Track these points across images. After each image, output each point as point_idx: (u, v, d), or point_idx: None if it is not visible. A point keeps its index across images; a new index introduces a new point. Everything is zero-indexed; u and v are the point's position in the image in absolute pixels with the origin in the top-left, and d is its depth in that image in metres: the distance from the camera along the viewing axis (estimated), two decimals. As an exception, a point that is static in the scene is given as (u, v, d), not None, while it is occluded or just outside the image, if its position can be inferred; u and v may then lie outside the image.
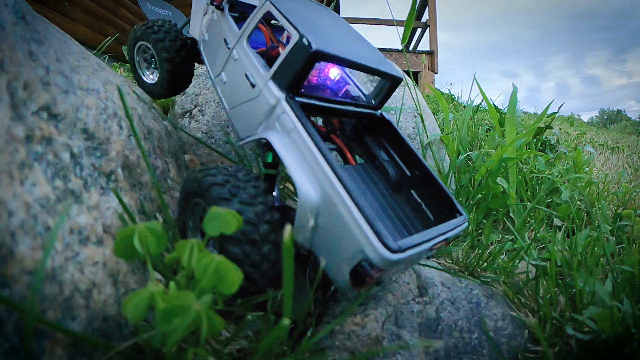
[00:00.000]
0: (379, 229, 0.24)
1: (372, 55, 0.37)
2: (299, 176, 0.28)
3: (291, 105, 0.30)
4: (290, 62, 0.30)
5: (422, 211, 0.36)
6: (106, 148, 0.33)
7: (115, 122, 0.36)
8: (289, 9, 0.34)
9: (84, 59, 0.43)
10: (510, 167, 0.60)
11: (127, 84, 0.48)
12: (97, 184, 0.30)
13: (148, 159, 0.32)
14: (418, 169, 0.38)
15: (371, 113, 0.40)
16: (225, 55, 0.39)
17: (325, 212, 0.26)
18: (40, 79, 0.28)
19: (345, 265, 0.25)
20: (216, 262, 0.23)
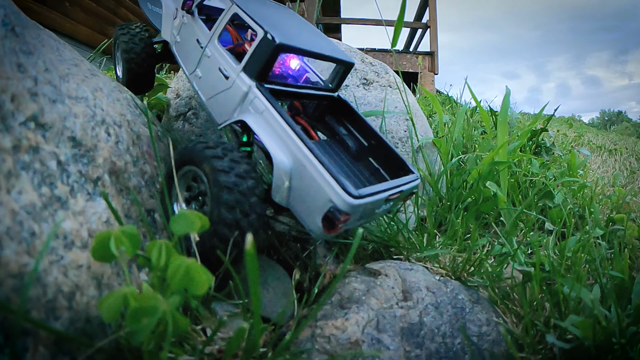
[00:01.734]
0: (342, 180, 0.30)
1: (327, 46, 0.44)
2: (273, 147, 0.34)
3: (261, 90, 0.37)
4: (258, 55, 0.37)
5: (380, 174, 0.43)
6: (93, 155, 0.34)
7: (103, 129, 0.38)
8: (253, 10, 0.40)
9: (76, 65, 0.45)
10: (501, 171, 0.61)
11: (118, 89, 0.49)
12: (83, 190, 0.32)
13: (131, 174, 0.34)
14: (373, 139, 0.44)
15: (330, 95, 0.46)
16: (198, 53, 0.44)
17: (297, 173, 0.32)
18: (28, 90, 0.30)
19: (317, 214, 0.31)
20: (186, 265, 0.24)
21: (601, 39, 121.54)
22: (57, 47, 0.47)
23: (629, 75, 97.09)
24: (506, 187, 0.61)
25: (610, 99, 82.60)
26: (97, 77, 0.47)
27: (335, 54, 0.43)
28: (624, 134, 4.52)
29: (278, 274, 0.43)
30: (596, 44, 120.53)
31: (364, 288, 0.44)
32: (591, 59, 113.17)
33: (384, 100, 0.65)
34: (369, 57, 0.76)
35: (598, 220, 0.61)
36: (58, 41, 0.49)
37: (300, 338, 0.36)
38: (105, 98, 0.42)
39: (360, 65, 0.72)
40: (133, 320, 0.20)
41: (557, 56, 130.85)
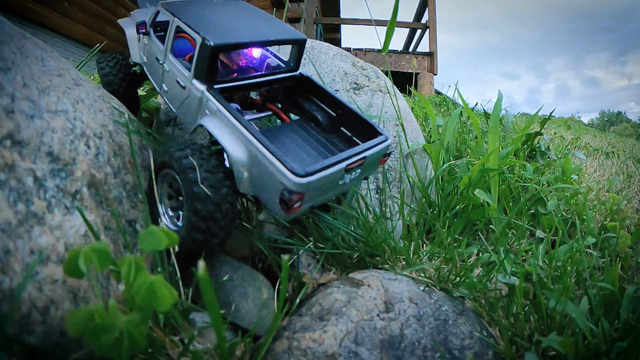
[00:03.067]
0: (286, 161, 0.31)
1: (273, 29, 0.45)
2: (228, 143, 0.36)
3: (211, 92, 0.39)
4: (201, 61, 0.39)
5: (353, 141, 0.45)
6: (71, 169, 0.35)
7: (82, 142, 0.38)
8: (193, 17, 0.42)
9: (59, 76, 0.45)
10: (492, 178, 0.60)
11: (102, 98, 0.50)
12: (61, 204, 0.33)
13: None
14: (340, 108, 0.46)
15: (291, 75, 0.48)
16: (160, 70, 0.48)
17: (252, 163, 0.35)
18: (4, 108, 0.31)
19: (275, 197, 0.33)
20: (150, 282, 0.25)
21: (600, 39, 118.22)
22: (42, 56, 0.47)
23: (628, 76, 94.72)
24: (497, 194, 0.60)
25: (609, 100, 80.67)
26: (81, 87, 0.47)
27: (280, 36, 0.44)
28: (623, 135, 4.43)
29: (259, 284, 0.43)
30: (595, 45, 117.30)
31: (345, 299, 0.44)
32: (590, 60, 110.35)
33: (376, 106, 0.64)
34: (360, 60, 0.75)
35: (591, 228, 0.60)
36: (44, 49, 0.50)
37: (277, 350, 0.36)
38: (87, 110, 0.43)
39: (351, 69, 0.71)
40: (93, 337, 0.21)
41: (556, 57, 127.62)
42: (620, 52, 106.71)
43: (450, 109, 1.25)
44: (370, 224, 0.51)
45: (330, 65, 0.71)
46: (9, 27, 0.45)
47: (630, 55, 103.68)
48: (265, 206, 0.37)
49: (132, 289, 0.24)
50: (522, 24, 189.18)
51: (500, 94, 0.68)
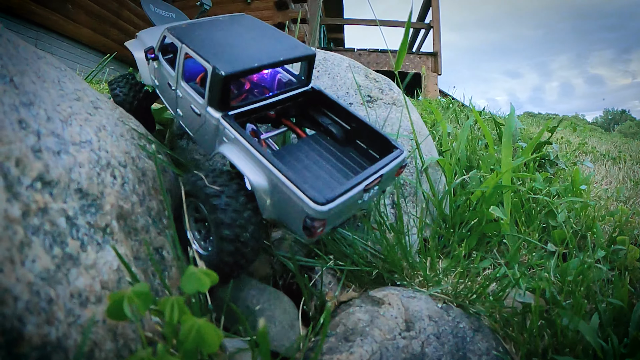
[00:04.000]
0: (306, 190, 0.31)
1: (282, 46, 0.44)
2: (248, 171, 0.36)
3: (227, 120, 0.38)
4: (214, 89, 0.38)
5: (369, 154, 0.44)
6: (100, 203, 0.34)
7: (108, 172, 0.37)
8: (201, 42, 0.41)
9: (77, 100, 0.43)
10: (505, 193, 0.59)
11: (122, 120, 0.48)
12: (93, 241, 0.32)
13: None
14: (354, 122, 0.45)
15: (303, 90, 0.47)
16: (173, 95, 0.46)
17: (273, 191, 0.34)
18: (31, 148, 0.29)
19: (297, 222, 0.33)
20: (198, 326, 0.25)
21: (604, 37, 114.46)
22: (58, 78, 0.45)
23: (632, 74, 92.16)
24: (509, 208, 0.59)
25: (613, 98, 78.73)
26: (100, 111, 0.45)
27: (290, 54, 0.42)
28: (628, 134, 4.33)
29: (284, 305, 0.43)
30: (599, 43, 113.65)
31: (368, 318, 0.44)
32: (594, 58, 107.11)
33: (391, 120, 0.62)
34: (372, 72, 0.72)
35: (600, 241, 0.59)
36: (59, 68, 0.48)
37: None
38: (109, 137, 0.41)
39: (364, 81, 0.69)
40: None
41: (559, 55, 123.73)
42: (624, 50, 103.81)
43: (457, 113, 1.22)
44: (388, 241, 0.50)
45: (344, 77, 0.68)
46: (23, 49, 0.43)
47: (634, 53, 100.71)
48: (289, 229, 0.37)
49: (181, 333, 0.24)
50: (524, 22, 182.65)
51: (513, 108, 0.66)
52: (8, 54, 0.35)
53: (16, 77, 0.33)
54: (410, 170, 0.61)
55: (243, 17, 0.51)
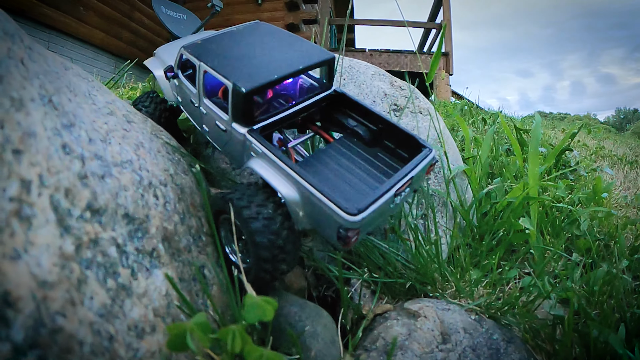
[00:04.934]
0: (338, 201, 0.30)
1: (301, 53, 0.42)
2: (278, 184, 0.34)
3: (253, 135, 0.37)
4: (236, 106, 0.36)
5: (397, 153, 0.42)
6: (146, 226, 0.31)
7: (151, 193, 0.34)
8: (218, 58, 0.39)
9: (111, 114, 0.40)
10: (532, 205, 0.56)
11: (155, 134, 0.45)
12: (142, 267, 0.29)
13: None
14: (380, 123, 0.43)
15: (326, 94, 0.44)
16: (197, 112, 0.44)
17: (305, 203, 0.33)
18: (78, 175, 0.26)
19: (332, 232, 0.32)
20: (267, 356, 0.23)
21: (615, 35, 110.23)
22: (89, 91, 0.42)
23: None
24: (536, 219, 0.57)
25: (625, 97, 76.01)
26: (134, 124, 0.42)
27: (309, 61, 0.40)
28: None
29: (325, 321, 0.41)
30: (610, 41, 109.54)
31: (406, 331, 0.42)
32: (605, 57, 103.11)
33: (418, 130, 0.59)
34: (397, 80, 0.68)
35: (623, 250, 0.57)
36: (86, 79, 0.45)
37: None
38: (148, 154, 0.38)
39: (389, 89, 0.65)
40: None
41: (570, 54, 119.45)
42: (635, 48, 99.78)
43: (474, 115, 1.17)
44: (421, 252, 0.48)
45: (370, 85, 0.64)
46: (52, 61, 0.40)
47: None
48: (324, 238, 0.36)
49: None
50: (535, 20, 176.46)
51: (539, 118, 0.62)
52: (43, 70, 0.32)
53: (54, 97, 0.30)
54: (438, 181, 0.58)
55: (257, 26, 0.48)
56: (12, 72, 0.25)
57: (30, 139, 0.23)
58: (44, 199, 0.22)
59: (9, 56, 0.26)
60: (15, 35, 0.30)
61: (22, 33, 0.33)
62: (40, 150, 0.23)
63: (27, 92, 0.25)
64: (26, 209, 0.21)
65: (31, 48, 0.34)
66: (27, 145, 0.22)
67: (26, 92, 0.25)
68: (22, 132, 0.22)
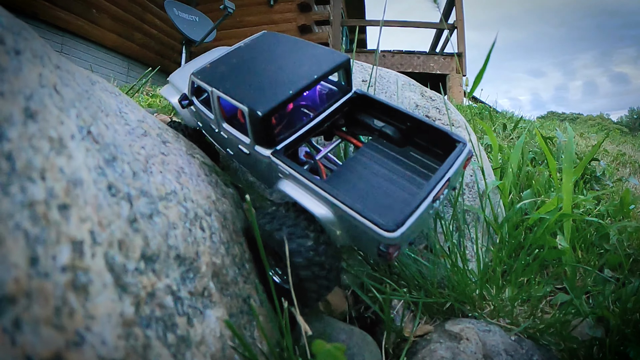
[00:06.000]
0: (374, 219, 0.28)
1: (314, 61, 0.38)
2: (312, 205, 0.32)
3: (278, 157, 0.34)
4: (255, 129, 0.34)
5: (430, 150, 0.38)
6: (197, 265, 0.27)
7: (197, 226, 0.30)
8: (229, 82, 0.36)
9: (145, 134, 0.36)
10: (565, 222, 0.52)
11: (191, 154, 0.40)
12: (196, 311, 0.26)
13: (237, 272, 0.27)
14: (407, 120, 0.39)
15: (347, 98, 0.41)
16: (218, 136, 0.41)
17: (341, 222, 0.31)
18: (128, 220, 0.22)
19: (372, 247, 0.29)
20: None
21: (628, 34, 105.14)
22: (119, 107, 0.37)
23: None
24: (569, 236, 0.53)
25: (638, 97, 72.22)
26: (169, 145, 0.38)
27: (324, 69, 0.36)
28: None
29: (370, 347, 0.38)
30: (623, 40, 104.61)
31: (450, 356, 0.39)
32: (618, 56, 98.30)
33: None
34: (427, 90, 0.63)
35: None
36: (113, 93, 0.40)
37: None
38: (190, 181, 0.34)
39: (421, 100, 0.60)
40: None
41: (583, 53, 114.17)
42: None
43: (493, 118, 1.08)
44: (460, 271, 0.44)
45: (401, 96, 0.59)
46: (79, 77, 0.34)
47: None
48: (362, 251, 0.33)
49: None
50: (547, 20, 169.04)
51: (571, 132, 0.57)
52: (76, 94, 0.27)
53: (93, 127, 0.25)
54: (472, 196, 0.54)
55: (264, 37, 0.43)
56: (47, 105, 0.20)
57: (77, 188, 0.18)
58: (99, 259, 0.18)
59: (41, 84, 0.21)
60: (44, 55, 0.25)
61: (49, 50, 0.28)
62: (88, 200, 0.19)
63: (66, 127, 0.21)
64: (81, 276, 0.17)
65: (59, 67, 0.29)
66: (74, 197, 0.18)
67: (65, 128, 0.21)
68: (66, 181, 0.18)
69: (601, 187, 0.69)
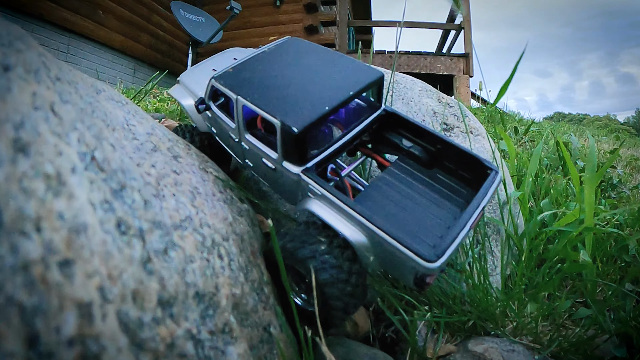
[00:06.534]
0: (415, 248, 0.26)
1: (348, 75, 0.35)
2: (345, 229, 0.29)
3: (310, 176, 0.31)
4: (286, 145, 0.31)
5: (458, 174, 0.37)
6: (217, 300, 0.24)
7: (215, 254, 0.27)
8: (257, 91, 0.32)
9: (155, 149, 0.32)
10: (587, 235, 0.48)
11: (203, 169, 0.36)
12: (217, 352, 0.23)
13: None
14: (438, 143, 0.37)
15: (377, 115, 0.38)
16: (237, 146, 0.37)
17: (376, 247, 0.29)
18: (141, 262, 0.19)
19: (407, 275, 0.27)
20: None
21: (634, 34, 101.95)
22: (125, 118, 0.33)
23: None
24: (590, 249, 0.49)
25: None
26: (181, 162, 0.34)
27: (359, 85, 0.34)
28: None
29: (393, 371, 0.35)
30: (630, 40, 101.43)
31: (475, 378, 0.36)
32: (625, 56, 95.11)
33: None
34: (444, 96, 0.58)
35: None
36: (120, 102, 0.36)
37: None
38: (205, 202, 0.30)
39: (438, 107, 0.55)
40: None
41: (589, 53, 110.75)
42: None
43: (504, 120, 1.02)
44: (483, 288, 0.41)
45: (418, 103, 0.54)
46: (83, 87, 0.30)
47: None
48: (395, 277, 0.31)
49: None
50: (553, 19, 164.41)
51: (594, 144, 0.53)
52: (78, 110, 0.23)
53: (97, 151, 0.21)
54: (492, 207, 0.50)
55: (290, 44, 0.40)
56: (42, 133, 0.16)
57: (80, 237, 0.15)
58: (111, 320, 0.15)
59: (34, 106, 0.17)
60: (40, 69, 0.21)
61: (48, 59, 0.24)
62: (95, 249, 0.15)
63: (66, 158, 0.17)
64: (92, 346, 0.13)
65: (60, 78, 0.25)
66: (78, 249, 0.14)
67: (64, 160, 0.17)
68: (67, 230, 0.14)
69: (617, 195, 0.66)
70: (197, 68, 0.48)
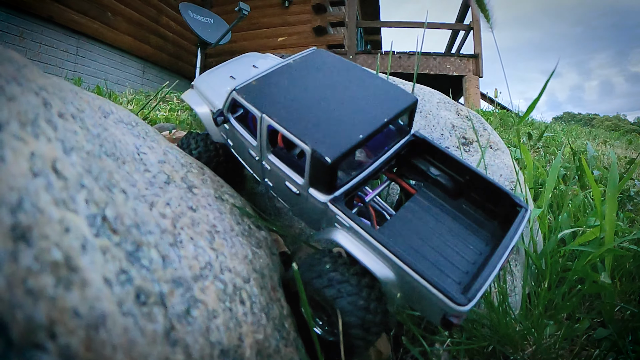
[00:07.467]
0: (445, 289, 0.24)
1: (382, 99, 0.32)
2: (372, 264, 0.27)
3: (338, 207, 0.28)
4: (316, 173, 0.28)
5: (486, 207, 0.34)
6: (241, 352, 0.22)
7: (237, 301, 0.24)
8: (285, 110, 0.29)
9: (168, 182, 0.29)
10: (607, 255, 0.44)
11: (220, 199, 0.33)
12: (245, 411, 0.20)
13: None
14: (467, 174, 0.34)
15: (406, 141, 0.35)
16: (257, 164, 0.34)
17: (404, 284, 0.27)
18: (165, 334, 0.16)
19: (436, 315, 0.26)
20: None
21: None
22: (137, 146, 0.31)
23: None
24: (610, 269, 0.45)
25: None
26: (197, 194, 0.31)
27: (394, 110, 0.30)
28: None
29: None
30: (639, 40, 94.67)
31: (496, 406, 0.34)
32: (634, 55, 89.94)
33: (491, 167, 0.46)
34: (463, 108, 0.53)
35: None
36: (128, 124, 0.33)
37: None
38: (224, 242, 0.27)
39: (455, 119, 0.51)
40: None
41: (599, 53, 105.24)
42: None
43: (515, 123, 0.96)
44: (503, 313, 0.38)
45: (437, 116, 0.50)
46: (90, 116, 0.27)
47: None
48: (422, 314, 0.29)
49: None
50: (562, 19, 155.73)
51: (614, 159, 0.48)
52: (85, 157, 0.20)
53: (108, 208, 0.18)
54: (512, 228, 0.46)
55: (316, 57, 0.36)
56: (45, 209, 0.12)
57: (100, 332, 0.12)
58: None
59: (33, 174, 0.12)
60: (37, 117, 0.16)
61: (49, 94, 0.20)
62: (116, 342, 0.12)
63: (74, 234, 0.14)
64: None
65: (62, 114, 0.21)
66: (99, 348, 0.12)
67: (72, 238, 0.14)
68: (85, 328, 0.11)
69: (634, 207, 0.61)
70: (213, 73, 0.44)
